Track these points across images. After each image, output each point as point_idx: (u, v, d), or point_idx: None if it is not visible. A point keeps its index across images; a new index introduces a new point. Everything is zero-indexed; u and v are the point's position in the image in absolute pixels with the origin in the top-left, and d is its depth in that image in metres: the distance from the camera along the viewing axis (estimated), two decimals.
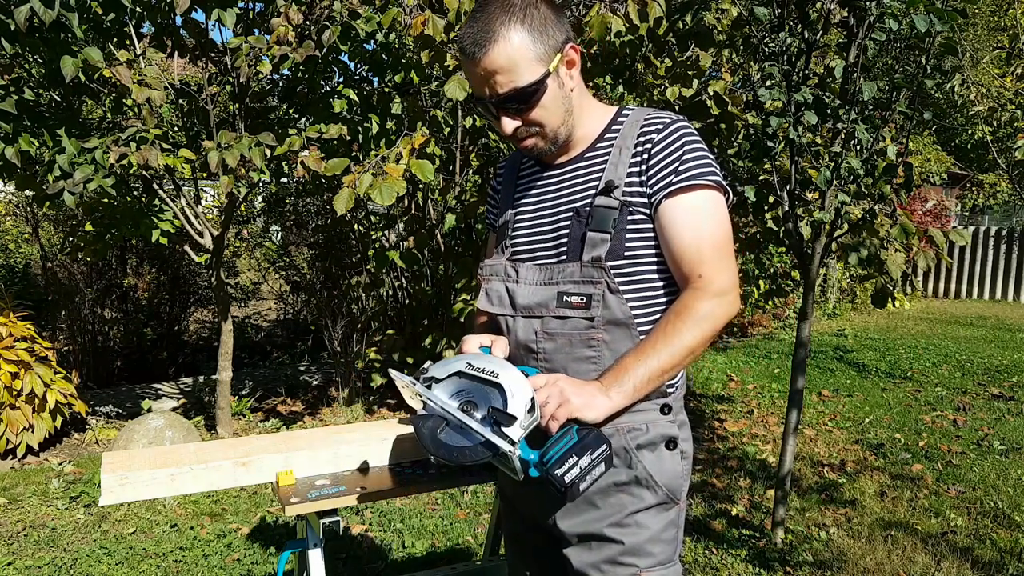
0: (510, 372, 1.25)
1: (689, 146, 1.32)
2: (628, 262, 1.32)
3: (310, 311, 7.35)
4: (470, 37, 1.29)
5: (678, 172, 1.30)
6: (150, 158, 3.55)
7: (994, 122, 5.68)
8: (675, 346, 1.26)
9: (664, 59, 3.67)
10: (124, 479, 1.53)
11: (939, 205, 11.89)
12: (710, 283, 1.28)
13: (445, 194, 4.72)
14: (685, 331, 1.26)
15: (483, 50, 1.27)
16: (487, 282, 1.46)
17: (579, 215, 1.35)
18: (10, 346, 4.28)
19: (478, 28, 1.28)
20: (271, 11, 4.09)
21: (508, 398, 1.23)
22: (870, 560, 3.06)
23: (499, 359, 1.30)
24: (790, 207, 3.00)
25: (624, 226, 1.31)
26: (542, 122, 1.34)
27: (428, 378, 1.29)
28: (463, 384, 1.28)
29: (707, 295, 1.27)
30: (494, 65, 1.27)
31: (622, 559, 1.34)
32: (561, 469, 1.19)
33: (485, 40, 1.27)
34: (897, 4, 2.56)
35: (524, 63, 1.28)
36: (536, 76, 1.29)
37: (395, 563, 3.11)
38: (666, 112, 1.38)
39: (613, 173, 1.33)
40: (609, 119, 1.41)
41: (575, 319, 1.32)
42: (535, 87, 1.29)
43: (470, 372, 1.27)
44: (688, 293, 1.29)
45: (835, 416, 5.23)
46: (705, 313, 1.27)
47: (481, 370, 1.26)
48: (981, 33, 15.18)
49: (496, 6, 1.29)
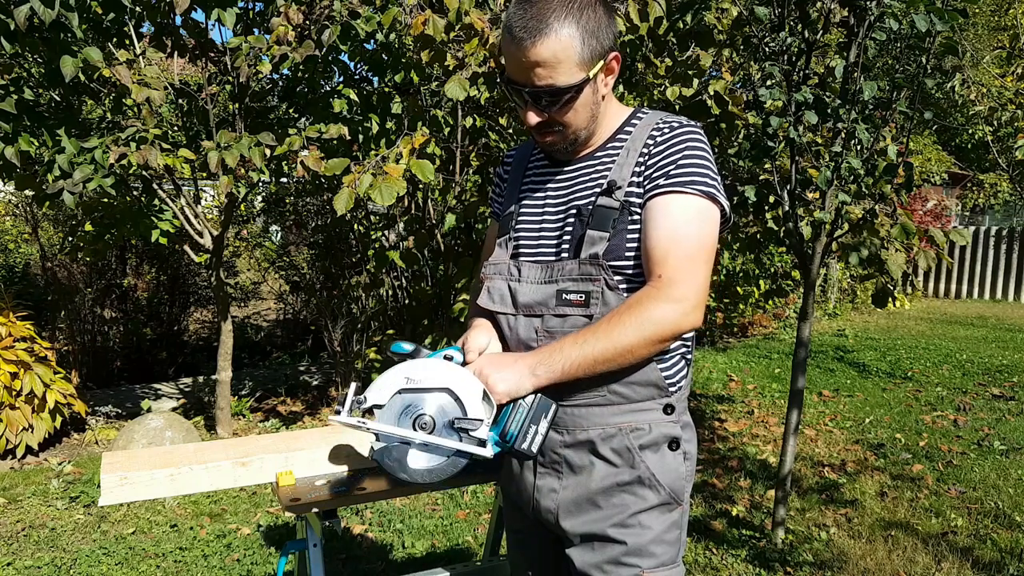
0: (453, 374, 1.24)
1: (689, 151, 1.30)
2: (629, 263, 1.31)
3: (310, 311, 7.35)
4: (521, 21, 1.24)
5: (669, 175, 1.29)
6: (150, 158, 3.54)
7: (994, 122, 5.67)
8: (614, 340, 1.24)
9: (664, 59, 3.66)
10: (124, 479, 1.53)
11: (939, 205, 11.88)
12: (668, 285, 1.24)
13: (445, 194, 4.71)
14: (628, 329, 1.24)
15: (531, 39, 1.23)
16: (490, 280, 1.45)
17: (581, 214, 1.34)
18: (10, 346, 4.27)
19: (532, 14, 1.23)
20: (271, 11, 4.09)
21: (463, 403, 1.23)
22: (870, 560, 3.06)
23: (435, 362, 1.27)
24: (790, 207, 3.00)
25: (625, 226, 1.30)
26: (568, 123, 1.33)
27: (370, 407, 1.23)
28: (408, 399, 1.24)
29: (661, 298, 1.24)
30: (538, 57, 1.24)
31: (625, 559, 1.34)
32: (525, 442, 1.26)
33: (536, 30, 1.23)
34: (897, 4, 2.56)
35: (568, 64, 1.25)
36: (575, 80, 1.26)
37: (395, 563, 3.11)
38: (680, 117, 1.36)
39: (617, 174, 1.33)
40: (623, 120, 1.40)
41: (574, 317, 1.32)
42: (571, 90, 1.27)
43: (412, 387, 1.23)
44: (643, 290, 1.27)
45: (835, 416, 5.23)
46: (654, 316, 1.24)
47: (423, 380, 1.24)
48: (981, 33, 15.18)
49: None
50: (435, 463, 1.24)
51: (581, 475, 1.37)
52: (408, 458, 1.24)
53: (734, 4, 3.20)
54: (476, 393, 1.24)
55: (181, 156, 3.81)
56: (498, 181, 1.60)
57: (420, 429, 1.22)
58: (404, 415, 1.23)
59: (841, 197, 2.83)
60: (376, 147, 4.46)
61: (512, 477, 1.51)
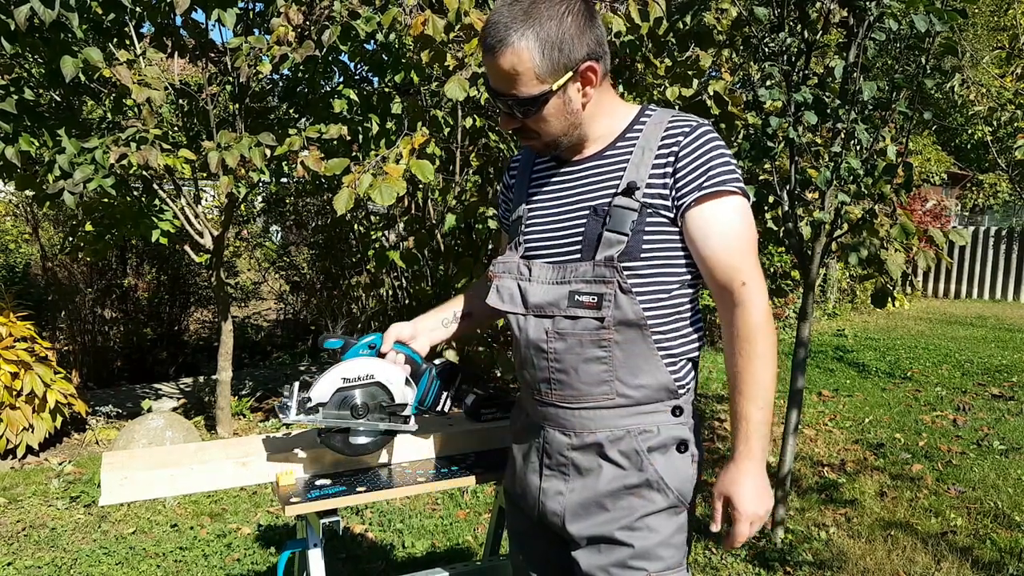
0: (379, 367, 1.54)
1: (716, 151, 1.30)
2: (643, 264, 1.30)
3: (310, 311, 7.35)
4: (490, 28, 1.26)
5: (707, 176, 1.28)
6: (150, 158, 3.54)
7: (994, 122, 5.68)
8: (767, 375, 1.30)
9: (664, 59, 3.67)
10: (124, 479, 1.53)
11: (939, 205, 11.88)
12: (754, 292, 1.29)
13: (445, 194, 4.71)
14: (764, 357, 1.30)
15: (493, 51, 1.26)
16: (499, 279, 1.43)
17: (596, 213, 1.33)
18: (10, 346, 4.28)
19: (496, 24, 1.25)
20: (271, 11, 4.09)
21: (391, 391, 1.55)
22: (870, 560, 3.06)
23: (365, 359, 1.54)
24: (790, 207, 3.00)
25: (643, 228, 1.29)
26: (541, 131, 1.33)
27: (314, 406, 1.50)
28: (344, 394, 1.53)
29: (755, 307, 1.29)
30: (500, 68, 1.27)
31: (632, 563, 1.33)
32: (439, 406, 1.67)
33: (497, 41, 1.25)
34: (897, 4, 2.56)
35: (527, 76, 1.25)
36: (535, 92, 1.27)
37: (395, 563, 3.11)
38: (690, 115, 1.36)
39: (635, 174, 1.31)
40: (631, 118, 1.38)
41: (586, 319, 1.31)
42: (534, 101, 1.28)
43: (347, 384, 1.52)
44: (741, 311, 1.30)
45: (835, 416, 5.23)
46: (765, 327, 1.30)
47: (356, 378, 1.52)
48: (981, 33, 15.17)
49: (520, 6, 1.25)
50: (371, 439, 1.59)
51: (588, 478, 1.36)
52: (350, 439, 1.57)
53: (734, 5, 3.20)
54: (400, 380, 1.55)
55: (181, 156, 3.81)
56: (503, 190, 1.59)
57: (357, 416, 1.53)
58: (342, 406, 1.53)
59: (840, 197, 2.83)
60: (376, 147, 4.46)
61: (516, 479, 1.50)
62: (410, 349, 1.61)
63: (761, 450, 1.28)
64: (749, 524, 1.28)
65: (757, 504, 1.28)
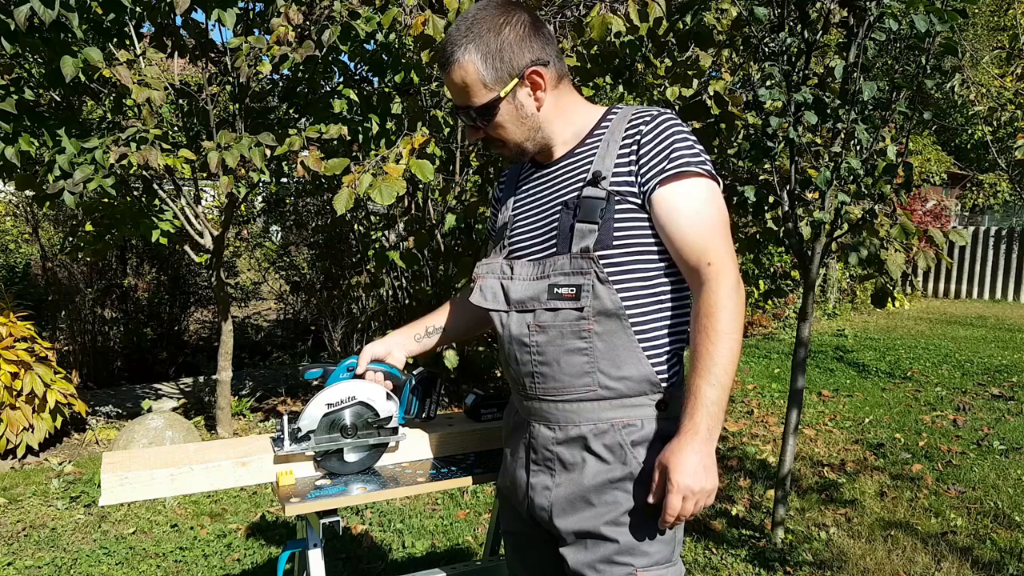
0: (359, 387, 1.62)
1: (678, 135, 1.33)
2: (617, 251, 1.32)
3: (310, 311, 7.35)
4: (441, 49, 1.38)
5: (670, 159, 1.31)
6: (150, 158, 3.55)
7: (994, 122, 5.68)
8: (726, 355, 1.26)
9: (664, 59, 3.67)
10: (124, 479, 1.53)
11: (939, 205, 11.89)
12: (721, 273, 1.27)
13: (445, 194, 4.71)
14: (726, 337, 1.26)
15: (444, 68, 1.38)
16: (482, 279, 1.47)
17: (567, 207, 1.36)
18: (10, 346, 4.28)
19: (445, 44, 1.37)
20: (271, 11, 4.09)
21: (375, 407, 1.63)
22: (870, 560, 3.06)
23: (345, 383, 1.61)
24: (790, 207, 3.00)
25: (612, 215, 1.32)
26: (501, 138, 1.42)
27: (305, 434, 1.59)
28: (333, 417, 1.61)
29: (723, 289, 1.27)
30: (452, 83, 1.38)
31: (618, 559, 1.33)
32: (425, 412, 1.78)
33: (446, 59, 1.37)
34: (897, 4, 2.56)
35: (476, 87, 1.35)
36: (486, 100, 1.36)
37: (395, 563, 3.11)
38: (653, 108, 1.39)
39: (600, 165, 1.35)
40: (598, 118, 1.43)
41: (566, 311, 1.33)
42: (485, 109, 1.37)
43: (333, 409, 1.60)
44: (707, 290, 1.28)
45: (835, 416, 5.23)
46: (732, 309, 1.27)
47: (339, 401, 1.60)
48: (981, 33, 15.18)
49: (464, 25, 1.35)
50: (364, 454, 1.67)
51: (574, 472, 1.37)
52: (345, 458, 1.65)
53: (733, 5, 3.20)
54: (381, 396, 1.64)
55: (181, 156, 3.81)
56: (493, 202, 1.65)
57: (346, 436, 1.62)
58: (332, 429, 1.61)
59: (840, 197, 2.83)
60: (376, 147, 4.46)
61: (507, 475, 1.52)
62: (387, 365, 1.67)
63: (707, 428, 1.24)
64: (682, 498, 1.24)
65: (693, 479, 1.23)
